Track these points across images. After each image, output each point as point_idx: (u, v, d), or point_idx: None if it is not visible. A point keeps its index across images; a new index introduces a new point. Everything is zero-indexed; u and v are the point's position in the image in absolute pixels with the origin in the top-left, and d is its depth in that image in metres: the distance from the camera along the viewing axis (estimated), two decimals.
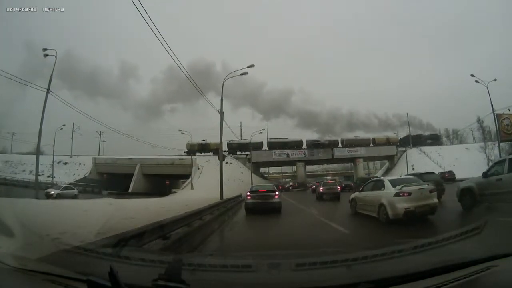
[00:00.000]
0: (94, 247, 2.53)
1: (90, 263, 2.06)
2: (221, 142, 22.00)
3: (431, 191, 8.26)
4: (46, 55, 24.36)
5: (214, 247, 6.37)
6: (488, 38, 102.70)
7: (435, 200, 8.28)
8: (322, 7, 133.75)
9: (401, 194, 7.94)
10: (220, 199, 17.21)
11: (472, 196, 9.10)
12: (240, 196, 21.90)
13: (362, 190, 10.44)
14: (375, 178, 11.97)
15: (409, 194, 7.91)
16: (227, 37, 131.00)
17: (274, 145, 56.68)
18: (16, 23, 60.91)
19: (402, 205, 7.77)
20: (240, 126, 57.24)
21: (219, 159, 21.69)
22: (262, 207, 11.81)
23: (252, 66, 21.98)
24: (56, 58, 24.02)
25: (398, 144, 59.84)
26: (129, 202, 16.75)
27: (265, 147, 56.42)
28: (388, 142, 59.78)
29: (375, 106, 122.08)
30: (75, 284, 1.51)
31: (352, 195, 11.22)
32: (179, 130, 46.75)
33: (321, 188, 19.35)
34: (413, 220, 7.61)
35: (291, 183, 59.15)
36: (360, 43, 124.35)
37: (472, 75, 32.92)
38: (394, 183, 8.66)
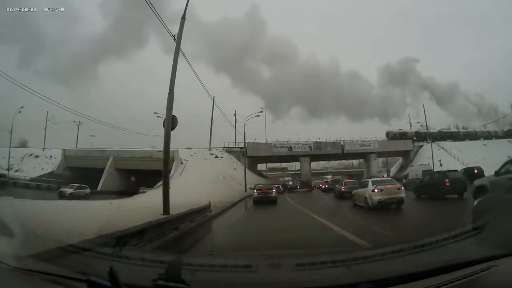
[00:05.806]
0: (93, 246, 2.53)
1: (90, 263, 2.05)
2: (169, 104, 10.96)
3: (398, 189, 11.70)
4: None
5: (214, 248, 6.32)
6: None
7: (402, 194, 11.51)
8: None
9: (376, 190, 11.45)
10: (164, 214, 9.12)
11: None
12: (209, 208, 11.05)
13: (357, 188, 14.09)
14: (365, 179, 15.76)
15: (381, 190, 11.38)
16: None
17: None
18: None
19: (377, 197, 11.30)
20: (235, 115, 49.06)
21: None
22: (264, 199, 17.40)
23: None
24: None
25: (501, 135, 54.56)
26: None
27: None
28: (489, 135, 55.32)
29: None
30: (75, 284, 1.51)
31: (353, 192, 14.59)
32: (155, 113, 35.41)
33: (343, 187, 21.92)
34: (385, 207, 11.10)
35: (290, 182, 56.37)
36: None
37: None
38: (374, 183, 12.14)
